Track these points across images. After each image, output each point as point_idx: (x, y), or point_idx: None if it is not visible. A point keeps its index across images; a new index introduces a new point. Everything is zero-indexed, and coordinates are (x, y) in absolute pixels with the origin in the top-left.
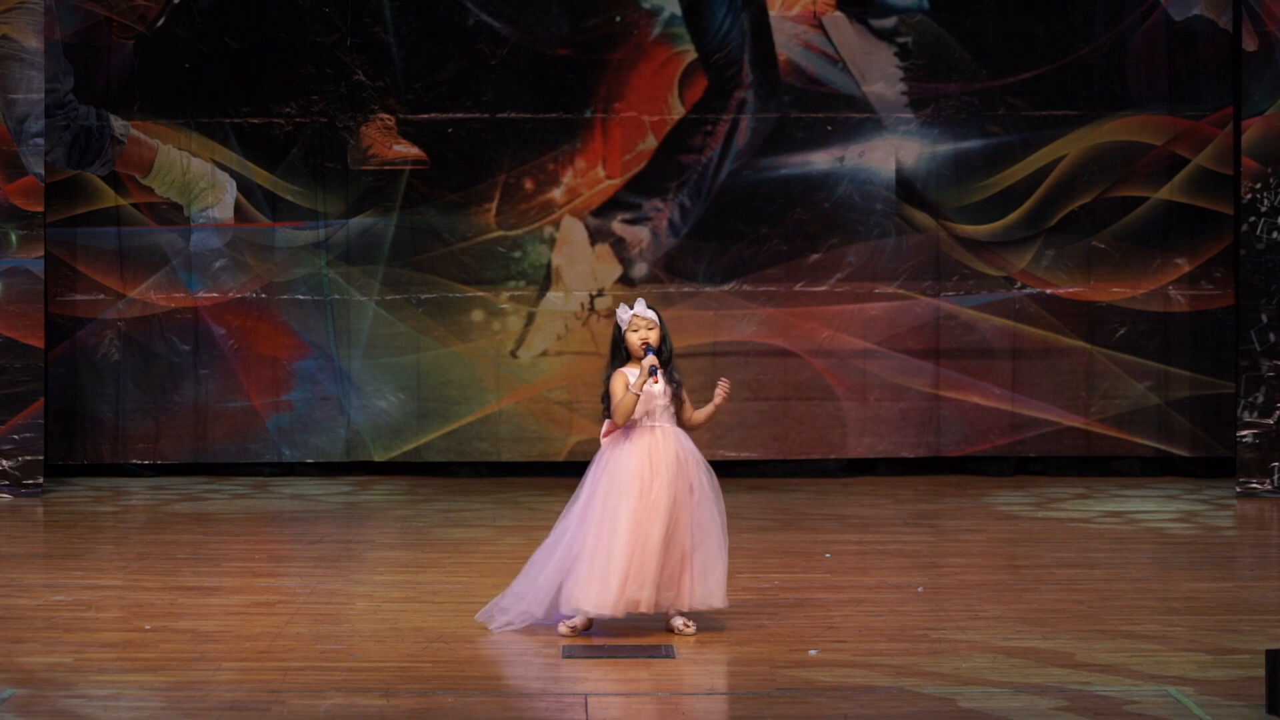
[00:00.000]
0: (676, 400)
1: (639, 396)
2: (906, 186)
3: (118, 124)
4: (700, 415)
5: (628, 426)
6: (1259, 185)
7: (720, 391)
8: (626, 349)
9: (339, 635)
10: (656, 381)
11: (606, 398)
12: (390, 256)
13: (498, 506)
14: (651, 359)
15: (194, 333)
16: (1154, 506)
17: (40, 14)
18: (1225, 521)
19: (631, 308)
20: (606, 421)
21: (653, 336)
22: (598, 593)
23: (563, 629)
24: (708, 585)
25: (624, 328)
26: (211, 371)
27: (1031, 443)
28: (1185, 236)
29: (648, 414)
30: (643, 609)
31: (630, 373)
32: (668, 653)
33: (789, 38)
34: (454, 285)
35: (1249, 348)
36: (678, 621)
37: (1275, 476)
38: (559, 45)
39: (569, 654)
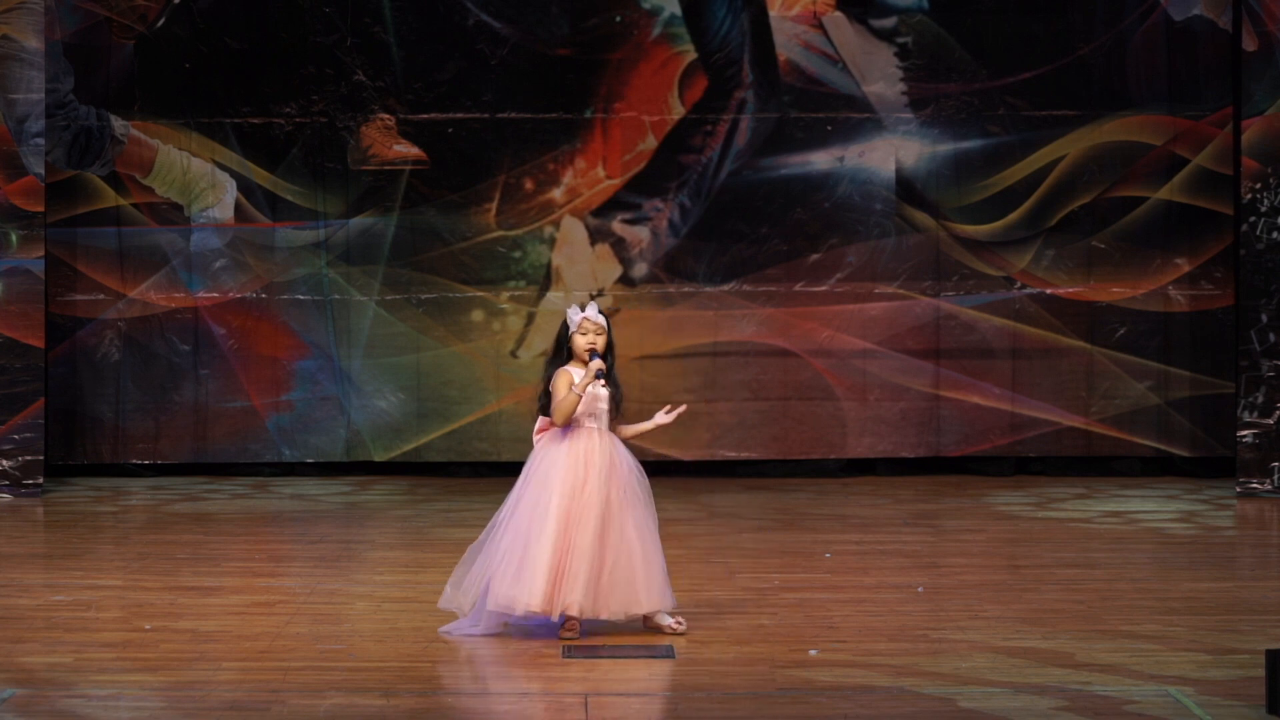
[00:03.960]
0: (614, 407)
1: (580, 397)
2: (906, 186)
3: (118, 124)
4: (630, 430)
5: (566, 427)
6: (1259, 185)
7: (667, 416)
8: (570, 349)
9: (339, 635)
10: (605, 385)
11: (546, 395)
12: (390, 256)
13: (497, 506)
14: (599, 363)
15: (194, 333)
16: (1154, 506)
17: (40, 14)
18: (1225, 521)
19: (583, 309)
20: (541, 419)
21: (600, 343)
22: (526, 590)
23: (565, 630)
24: (653, 586)
25: (572, 329)
26: (211, 371)
27: (1031, 443)
28: (1185, 236)
29: (589, 415)
30: (575, 612)
31: (575, 372)
32: (668, 653)
33: (789, 38)
34: (454, 285)
35: (1249, 348)
36: (667, 621)
37: (1275, 476)
38: (559, 45)
39: (569, 654)
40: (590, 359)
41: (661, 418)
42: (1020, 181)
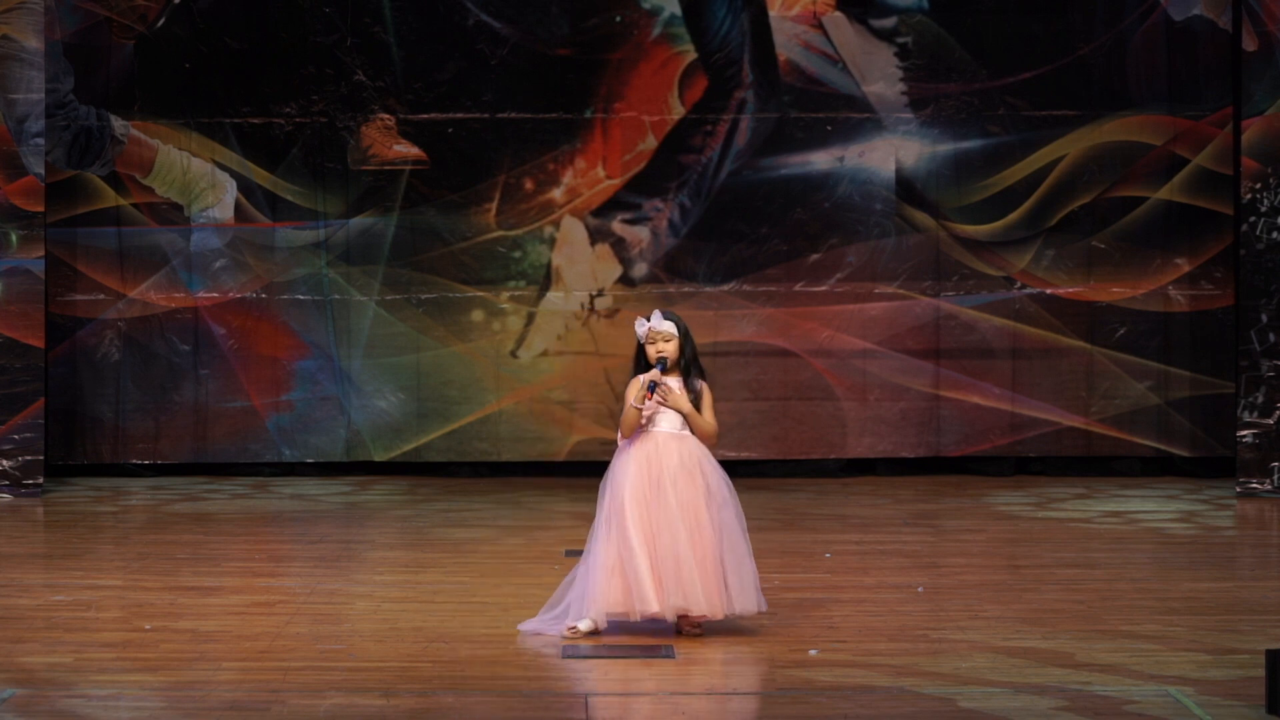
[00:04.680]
0: (691, 403)
1: (639, 411)
2: (906, 186)
3: (118, 124)
4: (700, 425)
5: (637, 432)
6: (1259, 185)
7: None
8: (647, 360)
9: (339, 635)
10: (650, 398)
11: (622, 402)
12: (390, 256)
13: (498, 506)
14: (653, 374)
15: (194, 333)
16: (1154, 506)
17: (40, 14)
18: (1225, 521)
19: (649, 320)
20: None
21: (669, 348)
22: (635, 596)
23: (565, 630)
24: (744, 587)
25: (642, 341)
26: (211, 371)
27: (1031, 443)
28: (1185, 236)
29: (651, 421)
30: (695, 613)
31: (643, 379)
32: (668, 653)
33: (789, 38)
34: (454, 285)
35: (1249, 348)
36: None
37: (1275, 476)
38: (559, 45)
39: (569, 654)
40: (657, 367)
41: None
42: (1020, 181)
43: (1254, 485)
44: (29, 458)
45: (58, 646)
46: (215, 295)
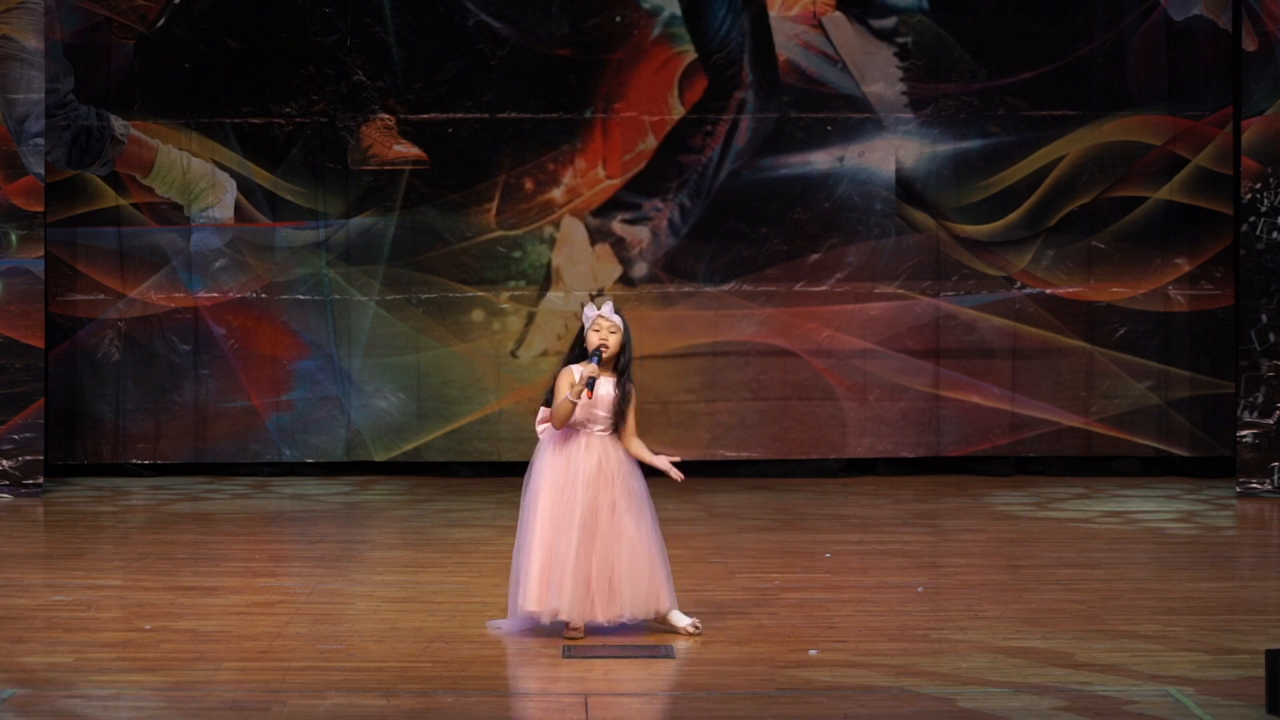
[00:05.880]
0: (619, 411)
1: (574, 404)
2: (906, 186)
3: (118, 124)
4: (635, 448)
5: (564, 429)
6: (1259, 185)
7: (665, 464)
8: (585, 347)
9: (339, 635)
10: (590, 396)
11: (551, 390)
12: (390, 256)
13: (498, 506)
14: (593, 369)
15: (194, 333)
16: (1154, 506)
17: (40, 14)
18: (1225, 521)
19: (599, 308)
20: (543, 409)
21: (612, 340)
22: (523, 593)
23: (568, 631)
24: (616, 592)
25: (587, 325)
26: (211, 371)
27: (1031, 443)
28: (1185, 236)
29: (587, 420)
30: (564, 617)
31: (579, 371)
32: (668, 653)
33: (789, 38)
34: (454, 285)
35: (1249, 348)
36: (684, 622)
37: (1275, 476)
38: (559, 45)
39: (569, 654)
40: (592, 358)
41: (662, 462)
42: (1020, 181)
43: (1254, 485)
44: (29, 458)
45: (58, 646)
46: (215, 295)
